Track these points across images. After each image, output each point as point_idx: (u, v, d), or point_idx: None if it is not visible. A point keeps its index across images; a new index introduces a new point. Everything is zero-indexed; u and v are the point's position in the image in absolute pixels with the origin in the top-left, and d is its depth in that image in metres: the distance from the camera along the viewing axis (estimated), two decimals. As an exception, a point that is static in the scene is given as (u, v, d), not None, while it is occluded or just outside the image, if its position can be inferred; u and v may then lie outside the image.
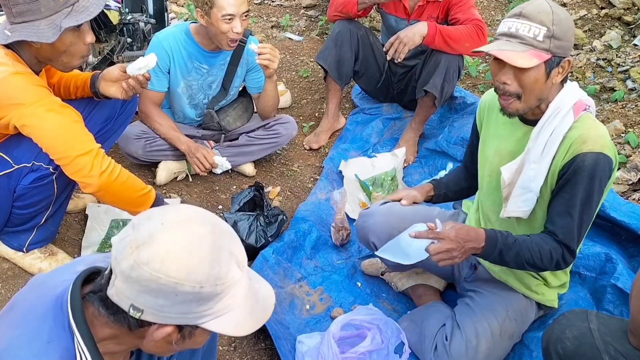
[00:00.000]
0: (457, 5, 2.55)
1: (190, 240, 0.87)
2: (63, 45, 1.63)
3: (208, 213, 0.94)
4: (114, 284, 0.88)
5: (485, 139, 1.73)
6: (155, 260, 0.84)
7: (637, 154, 2.50)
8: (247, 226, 2.17)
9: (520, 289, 1.71)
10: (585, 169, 1.44)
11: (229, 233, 0.94)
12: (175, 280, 0.84)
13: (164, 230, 0.87)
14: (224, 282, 0.88)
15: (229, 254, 0.90)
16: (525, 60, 1.39)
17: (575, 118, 1.47)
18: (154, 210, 0.93)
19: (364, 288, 2.08)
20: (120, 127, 2.11)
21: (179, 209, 0.93)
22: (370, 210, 1.92)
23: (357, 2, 2.58)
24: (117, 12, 2.98)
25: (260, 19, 4.18)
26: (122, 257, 0.86)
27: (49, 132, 1.62)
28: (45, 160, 1.72)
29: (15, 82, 1.58)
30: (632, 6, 3.50)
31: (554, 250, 1.50)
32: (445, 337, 1.66)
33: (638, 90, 2.93)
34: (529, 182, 1.51)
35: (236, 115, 2.59)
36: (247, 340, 1.87)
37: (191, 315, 0.88)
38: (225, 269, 0.89)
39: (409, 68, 2.75)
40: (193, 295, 0.86)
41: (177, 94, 2.44)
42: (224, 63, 2.42)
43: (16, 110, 1.59)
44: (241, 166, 2.63)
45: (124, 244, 0.87)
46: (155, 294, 0.85)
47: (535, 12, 1.41)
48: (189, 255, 0.86)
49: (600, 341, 1.25)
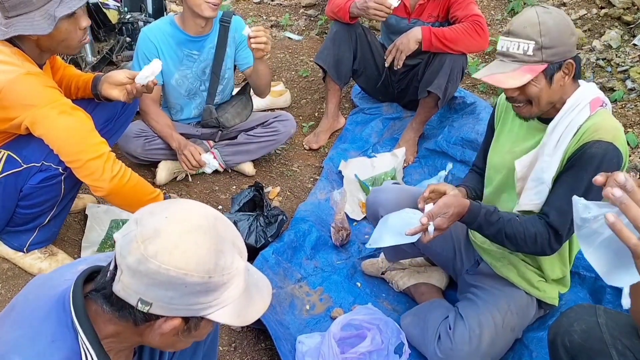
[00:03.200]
0: (457, 3, 2.55)
1: (196, 232, 0.88)
2: (60, 34, 1.63)
3: (207, 206, 0.96)
4: (120, 280, 0.87)
5: (499, 136, 1.74)
6: (163, 252, 0.85)
7: (636, 154, 2.51)
8: (247, 226, 2.17)
9: (522, 284, 1.71)
10: (594, 156, 1.43)
11: (230, 225, 0.96)
12: (184, 271, 0.85)
13: (168, 224, 0.88)
14: (229, 272, 0.90)
15: (232, 245, 0.92)
16: (516, 80, 1.41)
17: (592, 113, 1.48)
18: (155, 205, 0.94)
19: (364, 288, 2.08)
20: (120, 128, 2.11)
21: (180, 203, 0.94)
22: (383, 187, 1.98)
23: (348, 11, 2.59)
24: (116, 12, 2.98)
25: (260, 19, 4.17)
26: (127, 252, 0.86)
27: (61, 135, 1.63)
28: (55, 161, 1.72)
29: (27, 83, 1.58)
30: (631, 6, 3.50)
31: (539, 234, 1.51)
32: (448, 326, 1.67)
33: (637, 90, 2.94)
34: (541, 173, 1.52)
35: (235, 112, 2.59)
36: (247, 340, 1.88)
37: (198, 306, 0.89)
38: (230, 259, 0.90)
39: (410, 67, 2.75)
40: (201, 285, 0.87)
41: (172, 87, 2.44)
42: (212, 46, 2.41)
43: (28, 112, 1.59)
44: (241, 166, 2.63)
45: (128, 239, 0.87)
46: (165, 286, 0.86)
47: (522, 27, 1.43)
48: (197, 246, 0.87)
49: (608, 335, 1.25)
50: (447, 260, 1.89)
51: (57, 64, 1.95)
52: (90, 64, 2.84)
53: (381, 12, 2.44)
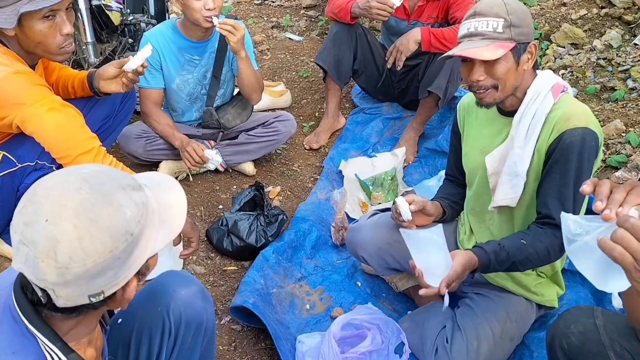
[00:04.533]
0: (456, 4, 2.55)
1: (83, 212, 0.81)
2: (35, 35, 1.61)
3: (70, 170, 0.88)
4: (58, 296, 0.83)
5: (467, 140, 1.74)
6: (75, 252, 0.80)
7: (637, 154, 2.50)
8: (247, 226, 2.18)
9: (519, 291, 1.70)
10: (573, 145, 1.44)
11: (103, 172, 0.88)
12: (108, 250, 0.82)
13: (55, 224, 0.80)
14: (141, 212, 0.87)
15: (121, 189, 0.86)
16: (491, 53, 1.42)
17: (555, 100, 1.49)
18: (20, 216, 0.84)
19: (364, 288, 2.08)
20: (119, 125, 2.12)
21: (43, 197, 0.83)
22: (359, 225, 1.91)
23: (349, 11, 2.59)
24: (119, 13, 2.99)
25: (261, 19, 4.18)
26: (43, 274, 0.81)
27: (50, 131, 1.63)
28: (49, 159, 1.72)
29: (15, 81, 1.58)
30: (632, 5, 3.49)
31: (549, 246, 1.50)
32: (445, 340, 1.66)
33: (638, 90, 2.93)
34: (515, 167, 1.52)
35: (235, 113, 2.60)
36: (247, 340, 1.88)
37: (141, 257, 0.88)
38: (132, 203, 0.86)
39: (410, 68, 2.75)
40: (131, 244, 0.85)
41: (173, 91, 2.44)
42: (213, 51, 2.42)
43: (18, 110, 1.60)
44: (241, 165, 2.63)
45: (32, 263, 0.81)
46: (102, 272, 0.83)
47: (488, 7, 1.47)
48: (98, 222, 0.82)
49: (606, 337, 1.24)
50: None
51: (52, 65, 1.94)
52: (92, 65, 2.85)
53: (384, 11, 2.44)
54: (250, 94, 2.45)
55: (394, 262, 1.82)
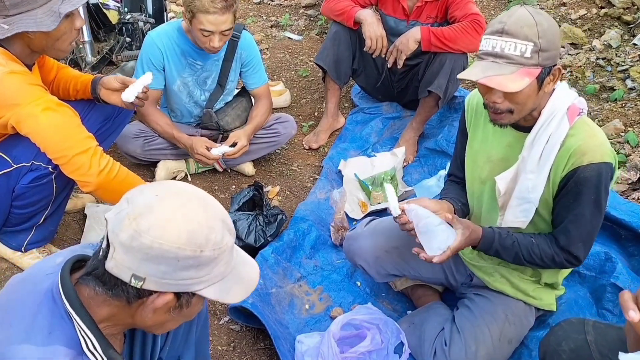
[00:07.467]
0: (455, 3, 2.54)
1: (187, 207, 0.91)
2: (59, 32, 1.61)
3: (196, 187, 0.98)
4: (113, 257, 0.89)
5: (473, 143, 1.68)
6: (155, 227, 0.87)
7: (636, 153, 2.50)
8: (247, 226, 2.17)
9: (518, 296, 1.70)
10: (589, 180, 1.42)
11: (219, 204, 0.98)
12: (177, 245, 0.87)
13: (159, 200, 0.90)
14: (220, 247, 0.92)
15: (222, 222, 0.94)
16: (516, 83, 1.33)
17: (571, 124, 1.43)
18: (145, 185, 0.96)
19: (364, 287, 2.08)
20: (118, 127, 2.10)
21: (170, 183, 0.97)
22: (356, 233, 1.88)
23: (352, 17, 2.59)
24: (116, 12, 2.98)
25: (260, 19, 4.17)
26: (120, 229, 0.88)
27: (45, 131, 1.61)
28: (45, 160, 1.71)
29: (10, 81, 1.56)
30: (631, 5, 3.49)
31: (556, 254, 1.51)
32: (444, 342, 1.65)
33: (637, 90, 2.93)
34: (527, 193, 1.48)
35: (235, 115, 2.59)
36: (246, 340, 1.87)
37: (190, 281, 0.91)
38: (220, 235, 0.92)
39: (410, 67, 2.75)
40: (194, 259, 0.89)
41: (174, 92, 2.43)
42: (218, 59, 2.41)
43: (13, 111, 1.58)
44: (240, 165, 2.62)
45: (120, 217, 0.89)
46: (158, 260, 0.87)
47: (518, 27, 1.33)
48: (188, 221, 0.89)
49: (597, 354, 1.24)
50: (440, 281, 1.87)
51: (49, 64, 1.93)
52: (90, 64, 2.84)
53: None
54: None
55: (393, 268, 1.82)
